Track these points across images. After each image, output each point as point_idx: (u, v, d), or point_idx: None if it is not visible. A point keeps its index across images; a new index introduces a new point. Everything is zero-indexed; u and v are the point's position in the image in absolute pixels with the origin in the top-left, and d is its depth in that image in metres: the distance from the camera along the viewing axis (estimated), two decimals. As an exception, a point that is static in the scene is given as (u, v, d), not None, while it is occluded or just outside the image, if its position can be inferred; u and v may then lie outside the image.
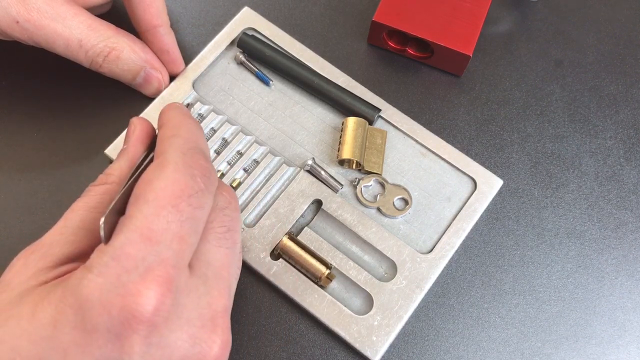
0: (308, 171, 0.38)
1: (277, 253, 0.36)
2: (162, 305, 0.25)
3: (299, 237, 0.36)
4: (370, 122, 0.39)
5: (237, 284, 0.36)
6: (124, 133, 0.38)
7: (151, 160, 0.30)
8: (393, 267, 0.36)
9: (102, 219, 0.26)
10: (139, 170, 0.30)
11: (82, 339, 0.24)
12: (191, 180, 0.27)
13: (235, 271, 0.30)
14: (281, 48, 0.41)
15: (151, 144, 0.32)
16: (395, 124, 0.39)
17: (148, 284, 0.25)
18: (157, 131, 0.32)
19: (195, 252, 0.27)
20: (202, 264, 0.28)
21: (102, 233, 0.26)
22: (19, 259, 0.28)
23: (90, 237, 0.29)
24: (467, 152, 0.39)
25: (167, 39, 0.38)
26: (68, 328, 0.24)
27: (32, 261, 0.28)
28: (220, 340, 0.27)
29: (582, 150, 0.40)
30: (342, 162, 0.38)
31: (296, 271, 0.35)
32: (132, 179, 0.29)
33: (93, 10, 0.38)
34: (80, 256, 0.28)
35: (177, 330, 0.26)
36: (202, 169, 0.28)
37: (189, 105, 0.39)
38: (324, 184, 0.37)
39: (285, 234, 0.36)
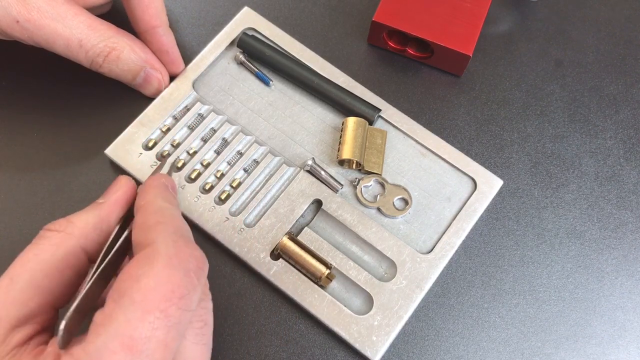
0: (308, 171, 0.38)
1: (277, 253, 0.36)
2: None
3: (299, 237, 0.36)
4: (370, 122, 0.39)
5: (237, 284, 0.36)
6: (124, 133, 0.38)
7: (126, 240, 0.28)
8: (393, 267, 0.36)
9: (63, 324, 0.24)
10: (111, 252, 0.27)
11: None
12: (185, 278, 0.25)
13: None
14: (281, 48, 0.41)
15: (126, 216, 0.30)
16: (395, 124, 0.39)
17: None
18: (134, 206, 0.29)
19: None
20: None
21: (59, 339, 0.24)
22: None
23: (40, 296, 0.26)
24: (467, 152, 0.39)
25: (166, 40, 0.38)
26: None
27: None
28: None
29: (582, 150, 0.40)
30: (342, 162, 0.38)
31: (296, 271, 0.35)
32: (103, 264, 0.27)
33: (93, 10, 0.38)
34: (31, 317, 0.26)
35: None
36: (196, 261, 0.25)
37: (187, 106, 0.39)
38: (324, 184, 0.37)
39: (285, 234, 0.36)
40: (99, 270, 0.27)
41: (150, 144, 0.38)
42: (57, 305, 0.27)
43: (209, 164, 0.38)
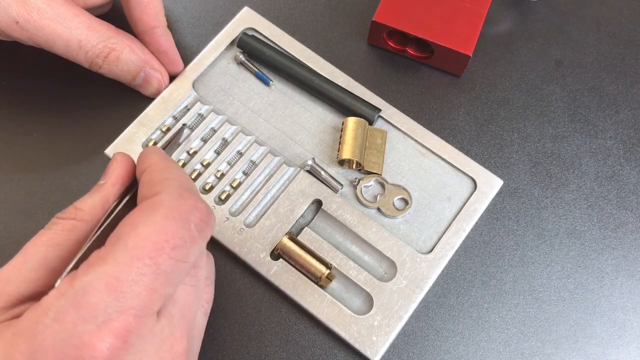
0: (308, 171, 0.38)
1: (277, 253, 0.36)
2: (116, 357, 0.24)
3: (299, 237, 0.36)
4: (370, 122, 0.39)
5: (237, 284, 0.36)
6: (124, 133, 0.38)
7: (127, 205, 0.28)
8: (393, 267, 0.36)
9: (58, 281, 0.24)
10: (110, 217, 0.28)
11: None
12: (182, 229, 0.25)
13: (197, 309, 0.29)
14: (281, 48, 0.41)
15: (129, 186, 0.30)
16: (395, 124, 0.39)
17: (104, 336, 0.23)
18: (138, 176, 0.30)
19: None
20: (169, 303, 0.26)
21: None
22: None
23: (50, 277, 0.27)
24: (467, 152, 0.39)
25: (165, 40, 0.38)
26: None
27: None
28: None
29: (582, 150, 0.40)
30: (342, 162, 0.38)
31: (296, 271, 0.35)
32: (102, 227, 0.27)
33: (93, 11, 0.38)
34: (39, 296, 0.26)
35: None
36: (199, 213, 0.26)
37: (187, 106, 0.39)
38: (324, 184, 0.37)
39: (285, 234, 0.36)
40: (96, 234, 0.27)
41: (151, 144, 0.38)
42: None
43: (209, 164, 0.38)
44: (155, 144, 0.38)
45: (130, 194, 0.30)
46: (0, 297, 0.26)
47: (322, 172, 0.38)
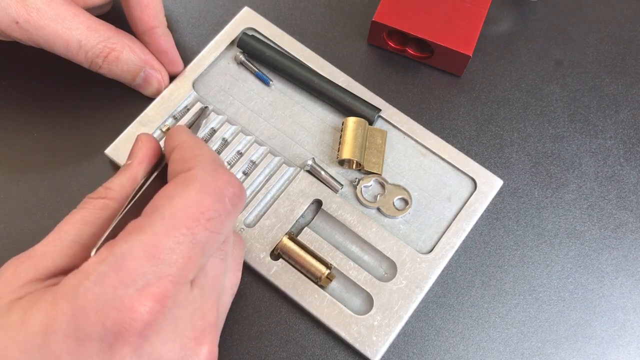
0: (308, 171, 0.38)
1: (277, 253, 0.36)
2: (155, 320, 0.25)
3: (299, 237, 0.36)
4: (370, 122, 0.39)
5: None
6: (124, 133, 0.38)
7: (156, 182, 0.29)
8: (393, 267, 0.36)
9: (94, 251, 0.25)
10: (139, 193, 0.29)
11: (75, 347, 0.24)
12: (217, 203, 0.26)
13: (225, 283, 0.30)
14: (281, 48, 0.41)
15: (156, 164, 0.31)
16: (395, 124, 0.39)
17: (143, 300, 0.24)
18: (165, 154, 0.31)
19: None
20: (201, 274, 0.27)
21: None
22: (8, 268, 0.27)
23: (85, 252, 0.28)
24: (467, 152, 0.39)
25: (165, 40, 0.38)
26: (60, 336, 0.24)
27: (22, 270, 0.27)
28: (207, 351, 0.27)
29: (582, 150, 0.40)
30: (342, 162, 0.38)
31: (296, 271, 0.35)
32: (132, 202, 0.28)
33: (93, 10, 0.38)
34: (74, 270, 0.27)
35: (169, 342, 0.26)
36: (233, 188, 0.27)
37: (187, 107, 0.39)
38: (324, 184, 0.37)
39: (285, 234, 0.36)
40: (126, 209, 0.28)
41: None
42: None
43: (209, 164, 0.38)
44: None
45: (158, 171, 0.31)
46: (38, 270, 0.27)
47: (322, 172, 0.38)
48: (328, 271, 0.35)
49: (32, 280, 0.27)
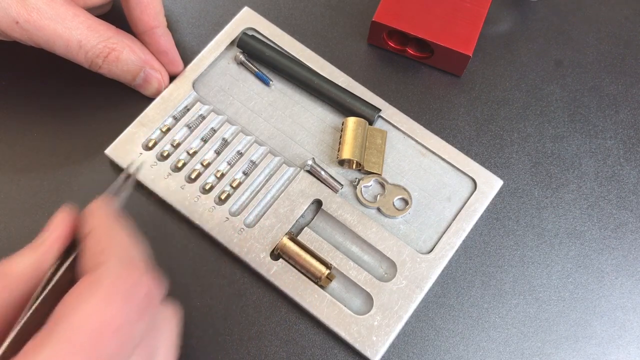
0: (308, 171, 0.38)
1: (277, 253, 0.36)
2: None
3: (299, 237, 0.36)
4: (370, 122, 0.39)
5: (237, 284, 0.36)
6: (124, 133, 0.38)
7: (70, 270, 0.27)
8: (393, 267, 0.36)
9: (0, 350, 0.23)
10: (47, 288, 0.26)
11: None
12: (125, 307, 0.24)
13: None
14: (281, 48, 0.41)
15: (70, 248, 0.28)
16: (395, 124, 0.39)
17: None
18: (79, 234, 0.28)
19: None
20: None
21: None
22: None
23: None
24: (467, 152, 0.39)
25: (165, 40, 0.38)
26: None
27: None
28: None
29: (582, 150, 0.40)
30: (342, 162, 0.38)
31: (296, 271, 0.35)
32: (40, 297, 0.26)
33: (93, 11, 0.38)
34: None
35: None
36: (144, 287, 0.25)
37: (187, 107, 0.39)
38: (324, 184, 0.37)
39: (285, 234, 0.36)
40: (34, 306, 0.26)
41: (151, 144, 0.38)
42: None
43: (209, 164, 0.38)
44: (155, 144, 0.38)
45: (72, 258, 0.27)
46: None
47: (322, 172, 0.38)
48: (328, 271, 0.35)
49: None
